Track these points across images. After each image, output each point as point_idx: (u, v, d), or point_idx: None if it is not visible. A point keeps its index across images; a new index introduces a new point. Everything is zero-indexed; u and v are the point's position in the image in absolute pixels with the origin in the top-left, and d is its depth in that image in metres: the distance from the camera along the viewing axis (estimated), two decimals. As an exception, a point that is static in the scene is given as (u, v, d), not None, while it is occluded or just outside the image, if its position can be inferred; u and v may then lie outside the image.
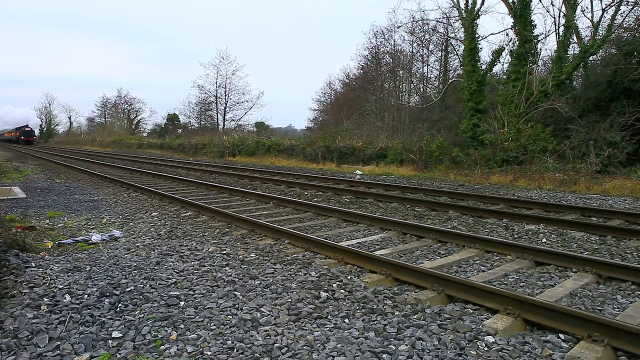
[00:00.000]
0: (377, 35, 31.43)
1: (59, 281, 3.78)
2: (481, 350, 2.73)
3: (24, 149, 42.35)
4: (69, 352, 2.64)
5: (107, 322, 3.04)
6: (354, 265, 4.48)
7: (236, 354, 2.66)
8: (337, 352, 2.69)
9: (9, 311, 3.10)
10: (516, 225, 6.60)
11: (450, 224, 6.81)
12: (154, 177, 14.08)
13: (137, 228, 6.31)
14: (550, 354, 2.69)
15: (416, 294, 3.67)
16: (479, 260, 4.85)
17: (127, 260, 4.54)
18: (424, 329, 3.00)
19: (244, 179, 13.60)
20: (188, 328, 2.99)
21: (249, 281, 3.92)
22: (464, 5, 18.75)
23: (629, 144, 13.52)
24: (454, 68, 27.38)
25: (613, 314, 3.35)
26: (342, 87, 39.16)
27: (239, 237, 5.74)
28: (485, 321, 3.12)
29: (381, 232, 6.16)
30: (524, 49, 16.52)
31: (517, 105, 16.18)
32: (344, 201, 9.21)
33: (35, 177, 14.04)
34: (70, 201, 8.87)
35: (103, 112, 67.64)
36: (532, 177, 12.55)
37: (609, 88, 15.62)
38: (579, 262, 4.40)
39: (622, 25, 16.65)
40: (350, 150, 20.26)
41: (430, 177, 14.86)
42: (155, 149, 39.19)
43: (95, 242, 5.32)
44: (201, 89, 52.08)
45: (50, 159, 23.27)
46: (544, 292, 3.79)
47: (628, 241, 5.60)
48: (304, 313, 3.25)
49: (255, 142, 26.95)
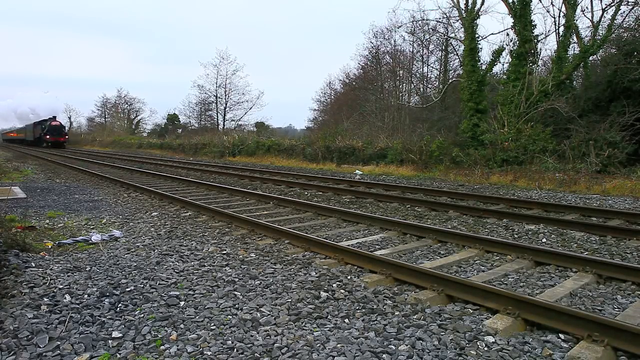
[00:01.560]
0: (377, 35, 31.48)
1: (59, 281, 3.78)
2: (481, 350, 2.73)
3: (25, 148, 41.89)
4: (69, 352, 2.64)
5: (107, 322, 3.04)
6: (354, 265, 4.48)
7: (236, 354, 2.66)
8: (337, 352, 2.69)
9: (9, 311, 3.10)
10: (516, 225, 6.60)
11: (450, 224, 6.80)
12: (154, 177, 14.08)
13: (137, 228, 6.31)
14: (550, 354, 2.69)
15: (416, 294, 3.67)
16: (479, 260, 4.85)
17: (127, 260, 4.54)
18: (424, 329, 3.00)
19: (244, 179, 13.60)
20: (188, 328, 2.99)
21: (249, 281, 3.92)
22: (464, 5, 18.78)
23: (629, 144, 13.52)
24: (454, 68, 27.40)
25: (613, 314, 3.36)
26: (342, 87, 39.18)
27: (239, 237, 5.74)
28: (485, 321, 3.12)
29: (381, 232, 6.16)
30: (524, 49, 16.53)
31: (517, 105, 16.18)
32: (344, 201, 9.21)
33: (35, 177, 14.04)
34: (70, 201, 8.87)
35: (103, 112, 67.58)
36: (532, 177, 12.55)
37: (609, 88, 15.62)
38: (579, 262, 4.40)
39: (622, 25, 16.66)
40: (350, 150, 20.25)
41: (430, 177, 14.86)
42: (155, 149, 39.18)
43: (95, 242, 5.32)
44: (201, 89, 52.19)
45: (50, 159, 23.27)
46: (544, 292, 3.79)
47: (628, 241, 5.60)
48: (304, 313, 3.25)
49: (255, 142, 26.93)
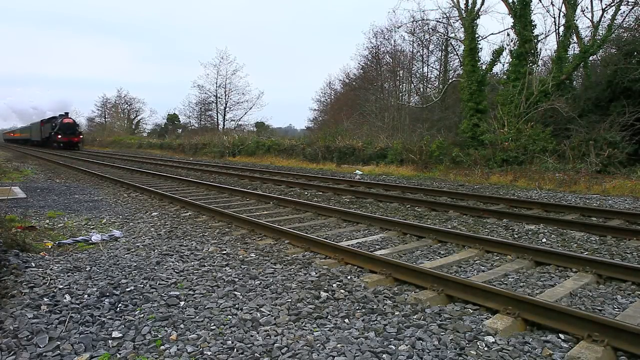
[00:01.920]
0: (377, 35, 31.51)
1: (59, 281, 3.78)
2: (481, 350, 2.73)
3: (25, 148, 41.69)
4: (69, 352, 2.64)
5: (107, 322, 3.03)
6: (354, 265, 4.48)
7: (236, 354, 2.66)
8: (337, 352, 2.69)
9: (9, 311, 3.10)
10: (516, 225, 6.60)
11: (450, 224, 6.80)
12: (154, 177, 14.07)
13: (137, 228, 6.31)
14: (550, 354, 2.69)
15: (416, 294, 3.67)
16: (479, 260, 4.85)
17: (127, 260, 4.54)
18: (424, 329, 3.00)
19: (244, 179, 13.59)
20: (188, 328, 2.99)
21: (249, 281, 3.92)
22: (464, 6, 18.77)
23: (629, 144, 13.51)
24: (454, 68, 27.40)
25: (613, 314, 3.35)
26: (342, 87, 39.21)
27: (239, 237, 5.74)
28: (485, 321, 3.12)
29: (381, 232, 6.16)
30: (524, 49, 16.53)
31: (517, 105, 16.18)
32: (344, 201, 9.21)
33: (35, 177, 14.03)
34: (70, 201, 8.87)
35: (103, 112, 67.48)
36: (532, 177, 12.55)
37: (609, 88, 15.62)
38: (579, 262, 4.40)
39: (622, 25, 16.65)
40: (350, 150, 20.25)
41: (430, 177, 14.86)
42: (155, 149, 39.17)
43: (95, 242, 5.32)
44: (201, 89, 52.08)
45: (50, 159, 23.26)
46: (544, 292, 3.79)
47: (628, 241, 5.60)
48: (304, 313, 3.25)
49: (255, 142, 26.92)
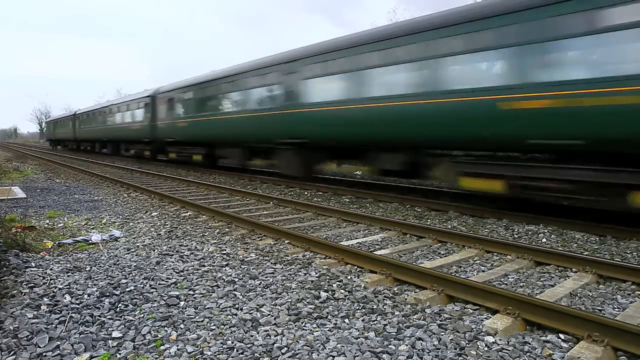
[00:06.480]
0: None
1: (59, 281, 3.78)
2: (481, 350, 2.73)
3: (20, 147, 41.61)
4: (69, 352, 2.64)
5: (107, 322, 3.04)
6: (354, 265, 4.48)
7: (236, 354, 2.66)
8: (337, 352, 2.69)
9: (9, 311, 3.10)
10: (516, 225, 6.60)
11: (450, 224, 6.81)
12: (154, 177, 14.08)
13: (137, 228, 6.31)
14: (550, 354, 2.69)
15: (416, 294, 3.67)
16: (479, 260, 4.85)
17: (127, 260, 4.54)
18: (424, 329, 3.00)
19: (244, 179, 13.60)
20: (188, 328, 2.99)
21: (249, 281, 3.92)
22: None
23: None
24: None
25: (613, 314, 3.35)
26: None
27: (239, 237, 5.74)
28: (485, 321, 3.12)
29: (381, 232, 6.16)
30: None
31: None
32: (343, 201, 9.21)
33: (35, 177, 14.03)
34: (70, 201, 8.87)
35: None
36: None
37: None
38: (579, 262, 4.39)
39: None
40: (350, 150, 20.21)
41: (430, 177, 14.81)
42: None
43: (95, 242, 5.32)
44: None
45: (50, 159, 23.26)
46: (544, 292, 3.79)
47: (628, 241, 5.60)
48: (304, 313, 3.25)
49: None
